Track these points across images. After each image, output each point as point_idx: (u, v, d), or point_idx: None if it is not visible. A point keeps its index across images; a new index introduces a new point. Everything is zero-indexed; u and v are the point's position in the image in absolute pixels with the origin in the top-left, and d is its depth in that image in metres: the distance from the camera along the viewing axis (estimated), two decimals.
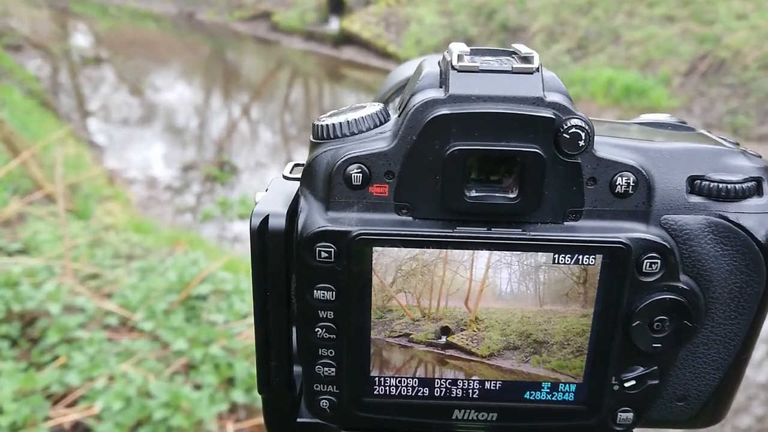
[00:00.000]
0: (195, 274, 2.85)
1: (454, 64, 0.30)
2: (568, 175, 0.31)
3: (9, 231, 3.10)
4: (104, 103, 10.12)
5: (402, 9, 13.50)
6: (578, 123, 0.31)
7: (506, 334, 0.33)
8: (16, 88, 7.08)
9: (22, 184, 3.85)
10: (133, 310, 2.59)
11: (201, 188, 6.70)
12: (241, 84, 12.82)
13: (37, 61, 11.21)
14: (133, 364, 2.25)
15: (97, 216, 3.81)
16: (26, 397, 2.00)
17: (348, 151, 0.32)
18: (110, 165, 6.97)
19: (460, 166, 0.30)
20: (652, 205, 0.32)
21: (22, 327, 2.34)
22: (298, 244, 0.32)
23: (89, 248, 3.13)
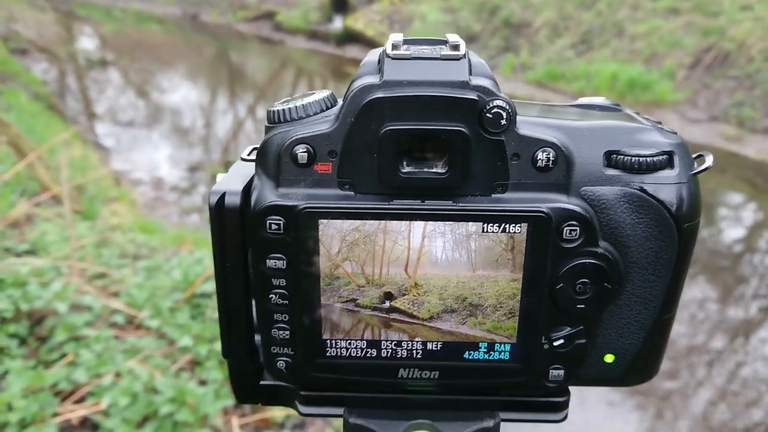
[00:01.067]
0: (200, 272, 2.88)
1: (389, 53, 0.33)
2: (492, 151, 0.34)
3: (17, 232, 3.14)
4: (110, 105, 10.18)
5: (405, 6, 13.50)
6: (500, 104, 0.33)
7: (444, 298, 0.36)
8: (23, 92, 7.14)
9: (29, 186, 3.89)
10: (139, 309, 2.62)
11: (207, 188, 6.73)
12: (245, 84, 12.86)
13: (42, 65, 11.29)
14: (140, 360, 2.28)
15: (103, 216, 3.84)
16: (35, 394, 2.04)
17: (295, 133, 0.34)
18: (116, 166, 7.02)
19: (394, 145, 0.33)
20: (571, 178, 0.35)
21: (30, 326, 2.38)
22: (251, 218, 0.34)
23: (96, 248, 3.17)
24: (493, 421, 0.40)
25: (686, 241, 0.36)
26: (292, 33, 15.10)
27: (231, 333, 0.38)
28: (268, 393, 0.41)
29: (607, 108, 0.41)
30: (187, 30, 16.57)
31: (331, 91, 0.37)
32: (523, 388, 0.39)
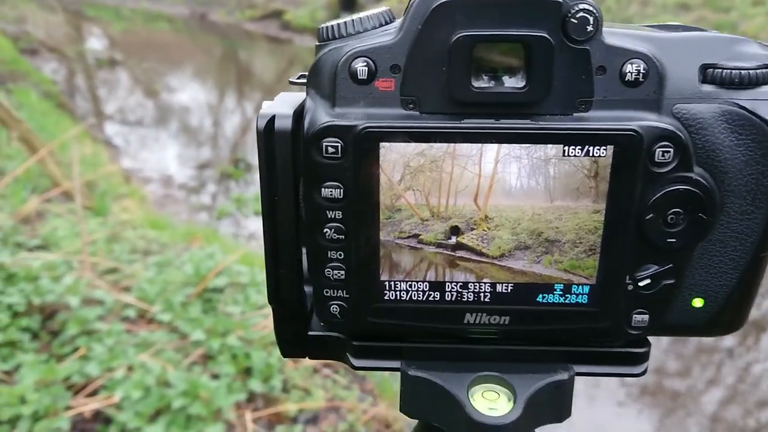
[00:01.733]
0: (211, 267, 2.87)
1: None
2: (576, 62, 0.31)
3: (28, 228, 3.14)
4: (119, 104, 10.21)
5: None
6: (586, 7, 0.30)
7: (517, 233, 0.32)
8: (33, 91, 7.16)
9: (40, 183, 3.90)
10: (150, 303, 2.61)
11: (216, 186, 6.74)
12: (253, 83, 12.88)
13: (52, 64, 11.33)
14: (152, 354, 2.27)
15: (113, 213, 3.84)
16: (47, 388, 2.03)
17: (353, 47, 0.32)
18: (126, 164, 7.03)
19: (466, 55, 0.30)
20: (663, 94, 0.32)
21: (42, 320, 2.37)
22: (305, 142, 0.32)
23: (107, 243, 3.16)
24: (568, 374, 0.37)
25: None
26: (299, 32, 15.10)
27: (279, 275, 0.36)
28: (317, 344, 0.38)
29: (691, 28, 0.38)
30: (195, 29, 16.62)
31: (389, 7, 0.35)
32: (601, 335, 0.36)
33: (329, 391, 2.43)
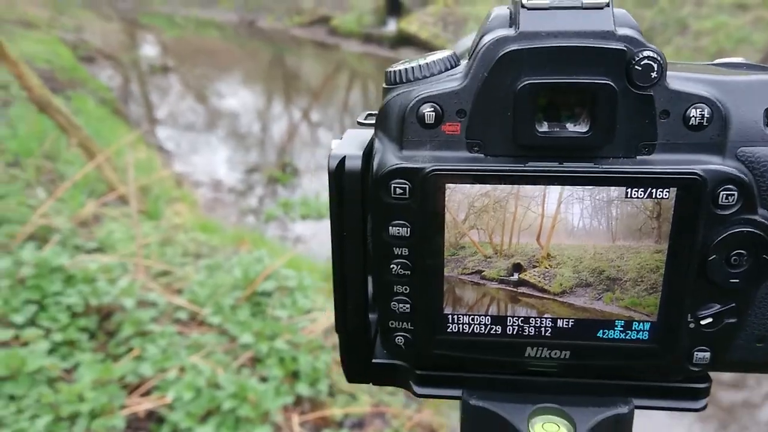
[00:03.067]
0: (260, 271, 2.92)
1: (525, 3, 0.31)
2: (640, 107, 0.31)
3: (86, 231, 3.25)
4: (171, 109, 10.49)
5: (459, 8, 13.43)
6: (651, 54, 0.31)
7: (578, 271, 0.33)
8: (90, 98, 7.42)
9: (97, 187, 4.04)
10: (201, 305, 2.68)
11: (264, 190, 6.85)
12: (301, 88, 13.04)
13: (108, 71, 11.72)
14: (203, 356, 2.33)
15: (166, 216, 3.95)
16: (104, 386, 2.10)
17: (421, 92, 0.33)
18: (178, 169, 7.22)
19: (531, 101, 0.31)
20: (727, 137, 0.32)
21: (99, 320, 2.45)
22: (374, 182, 0.33)
23: (160, 247, 3.26)
24: (628, 408, 0.37)
25: None
26: (346, 37, 15.23)
27: (346, 306, 0.37)
28: (381, 371, 0.39)
29: (755, 66, 0.37)
30: (244, 36, 16.92)
31: (454, 51, 0.35)
32: (662, 371, 0.36)
33: (374, 397, 2.44)
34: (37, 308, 2.37)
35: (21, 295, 2.37)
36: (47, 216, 3.08)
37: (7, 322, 2.28)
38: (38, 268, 2.45)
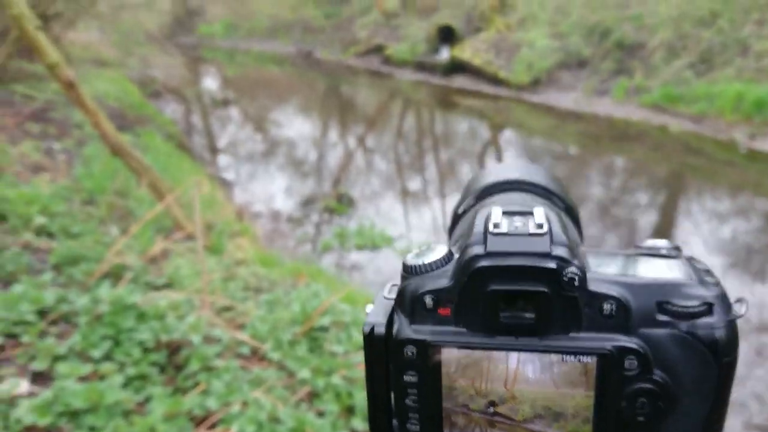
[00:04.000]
0: (316, 306, 3.05)
1: (491, 230, 0.45)
2: (568, 304, 0.44)
3: (155, 267, 3.46)
4: (231, 140, 10.88)
5: (512, 34, 13.47)
6: (574, 270, 0.43)
7: (534, 407, 0.46)
8: (157, 133, 7.81)
9: (164, 223, 4.28)
10: (262, 341, 2.81)
11: (320, 219, 7.03)
12: (356, 116, 13.30)
13: (173, 106, 12.27)
14: (264, 391, 2.45)
15: (228, 251, 4.15)
16: (173, 419, 2.24)
17: (424, 287, 0.46)
18: (238, 199, 7.50)
19: (496, 300, 0.45)
20: (630, 321, 0.44)
21: (168, 355, 2.62)
22: (393, 344, 0.46)
23: (223, 282, 3.43)
24: None
25: (725, 373, 0.45)
26: (400, 66, 15.47)
27: (377, 425, 0.51)
28: None
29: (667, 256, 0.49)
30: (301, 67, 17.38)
31: (448, 248, 0.48)
32: None
33: None
34: (112, 343, 2.55)
35: (98, 331, 2.56)
36: (120, 253, 3.30)
37: (87, 356, 2.47)
38: (113, 305, 2.64)
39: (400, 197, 7.91)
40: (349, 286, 4.06)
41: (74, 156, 5.48)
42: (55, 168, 4.96)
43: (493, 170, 0.66)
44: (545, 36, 12.89)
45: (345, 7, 19.07)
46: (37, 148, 5.35)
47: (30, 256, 3.18)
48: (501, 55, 13.10)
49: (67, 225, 3.67)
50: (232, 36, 20.38)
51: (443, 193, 8.13)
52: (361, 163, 9.83)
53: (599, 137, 10.29)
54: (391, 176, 8.92)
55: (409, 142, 11.05)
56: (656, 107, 10.33)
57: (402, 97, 14.29)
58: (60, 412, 2.14)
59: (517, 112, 11.88)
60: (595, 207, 7.38)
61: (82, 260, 3.21)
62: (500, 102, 12.34)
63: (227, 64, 16.80)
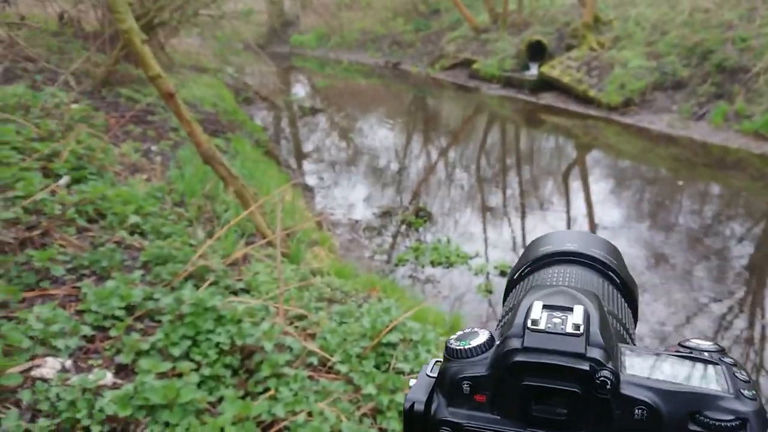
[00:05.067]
0: (386, 322, 3.08)
1: (529, 326, 0.46)
2: (600, 406, 0.45)
3: (235, 272, 3.61)
4: (316, 148, 11.15)
5: (605, 53, 13.11)
6: (607, 374, 0.44)
7: None
8: (247, 139, 8.12)
9: (246, 228, 4.45)
10: (331, 353, 2.88)
11: (396, 232, 7.08)
12: (440, 129, 13.31)
13: (263, 112, 12.71)
14: (329, 403, 2.51)
15: (306, 260, 4.26)
16: (242, 423, 2.33)
17: (463, 371, 0.48)
18: (319, 206, 7.68)
19: (529, 394, 0.46)
20: (661, 428, 0.44)
21: (242, 359, 2.72)
22: (430, 423, 0.48)
23: (298, 291, 3.53)
24: None
25: None
26: (487, 80, 15.37)
27: None
28: None
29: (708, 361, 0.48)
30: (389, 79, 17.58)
31: (490, 333, 0.50)
32: None
33: None
34: (191, 343, 2.68)
35: (179, 331, 2.69)
36: (204, 256, 3.47)
37: (167, 354, 2.61)
38: (195, 306, 2.77)
39: (479, 214, 7.85)
40: (420, 303, 4.08)
41: (169, 158, 5.79)
42: (151, 169, 5.26)
43: (552, 238, 0.66)
44: (640, 55, 12.46)
45: (434, 22, 19.18)
46: (137, 149, 5.69)
47: (123, 254, 3.39)
48: (592, 74, 12.78)
49: (159, 225, 3.88)
50: (323, 46, 20.92)
51: (524, 212, 8.00)
52: (442, 176, 9.83)
53: (694, 163, 9.83)
54: (472, 192, 8.87)
55: (491, 158, 10.95)
56: (758, 135, 9.77)
57: (487, 111, 14.20)
58: (139, 405, 2.27)
59: (607, 133, 11.53)
60: (685, 236, 7.06)
61: (169, 260, 3.39)
62: (589, 121, 12.03)
63: (317, 74, 17.23)
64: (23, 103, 5.25)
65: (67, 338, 2.51)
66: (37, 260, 2.94)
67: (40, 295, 2.82)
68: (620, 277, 0.63)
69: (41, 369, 2.32)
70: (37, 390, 2.20)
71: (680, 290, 5.63)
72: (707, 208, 8.42)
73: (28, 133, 4.57)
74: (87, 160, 4.45)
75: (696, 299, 5.49)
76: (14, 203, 3.40)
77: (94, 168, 4.46)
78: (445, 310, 4.95)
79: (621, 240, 6.76)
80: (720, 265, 6.28)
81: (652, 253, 6.46)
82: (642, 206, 8.25)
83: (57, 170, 4.13)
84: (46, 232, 3.26)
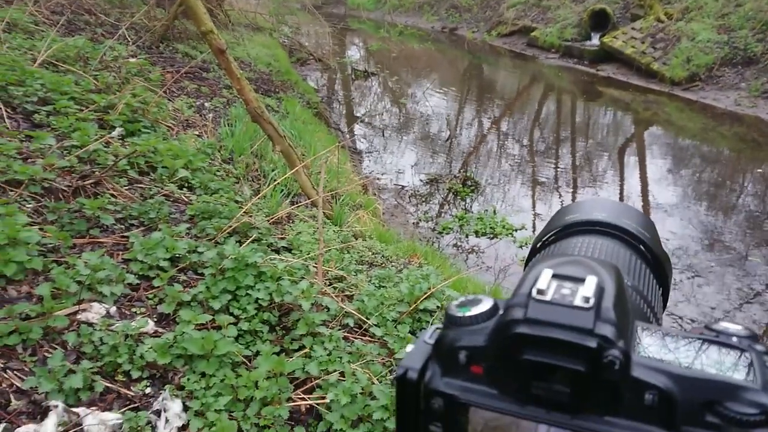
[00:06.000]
0: (425, 288, 3.07)
1: (534, 296, 0.41)
2: (607, 388, 0.40)
3: (278, 230, 3.65)
4: (368, 111, 11.09)
5: (673, 24, 12.52)
6: (615, 353, 0.39)
7: None
8: (298, 100, 8.13)
9: (292, 187, 4.48)
10: (367, 315, 2.89)
11: (443, 200, 7.02)
12: (493, 97, 13.05)
13: (316, 73, 12.69)
14: (362, 365, 2.53)
15: (349, 223, 4.27)
16: (276, 378, 2.37)
17: (460, 340, 0.44)
18: (367, 170, 7.67)
19: (529, 368, 0.41)
20: (674, 417, 0.40)
21: (279, 316, 2.76)
22: (423, 393, 0.45)
23: (339, 252, 3.55)
24: None
25: None
26: (545, 49, 14.94)
27: None
28: None
29: (735, 347, 0.43)
30: (444, 43, 17.27)
31: (495, 302, 0.45)
32: None
33: None
34: (231, 297, 2.73)
35: (220, 285, 2.75)
36: (249, 213, 3.51)
37: (207, 306, 2.66)
38: (237, 262, 2.82)
39: (528, 187, 7.71)
40: (460, 272, 4.05)
41: (221, 115, 5.85)
42: (203, 125, 5.33)
43: (581, 207, 0.62)
44: (710, 28, 11.85)
45: None
46: (190, 105, 5.77)
47: (170, 207, 3.46)
48: (657, 46, 12.25)
49: (207, 180, 3.94)
50: (380, 8, 20.65)
51: (575, 187, 7.82)
52: (493, 146, 9.67)
53: (760, 143, 9.38)
54: (522, 164, 8.70)
55: (545, 131, 10.69)
56: None
57: (544, 81, 13.82)
58: (178, 354, 2.34)
59: (669, 109, 11.09)
60: (744, 219, 6.77)
61: (215, 215, 3.44)
62: (650, 96, 11.58)
63: (372, 36, 17.04)
64: (83, 55, 5.37)
65: (112, 285, 2.59)
66: (89, 209, 3.03)
67: (90, 243, 2.91)
68: (652, 253, 0.57)
69: (87, 313, 2.41)
70: (82, 333, 2.28)
71: (734, 275, 5.43)
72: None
73: (86, 84, 4.68)
74: (141, 114, 4.54)
75: (750, 285, 5.29)
76: (70, 152, 3.50)
77: (148, 122, 4.54)
78: (487, 280, 4.91)
79: (675, 219, 6.54)
80: None
81: (708, 235, 6.23)
82: (701, 186, 7.94)
83: (112, 122, 4.22)
84: (99, 181, 3.35)
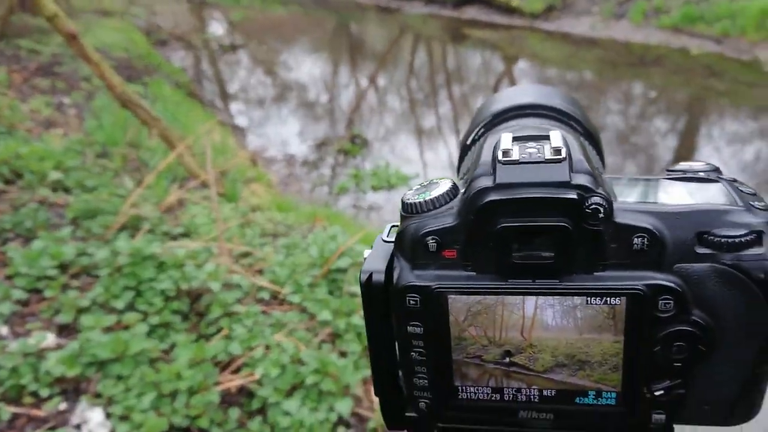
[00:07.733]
0: (334, 249, 3.04)
1: (500, 159, 0.39)
2: (592, 239, 0.39)
3: (171, 217, 3.47)
4: (242, 86, 10.74)
5: None
6: (598, 200, 0.38)
7: (555, 356, 0.42)
8: (166, 82, 7.71)
9: (178, 173, 4.27)
10: (281, 285, 2.83)
11: (334, 162, 6.97)
12: (366, 54, 13.02)
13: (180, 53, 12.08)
14: (286, 334, 2.48)
15: (244, 198, 4.14)
16: (199, 365, 2.28)
17: (426, 226, 0.41)
18: (252, 145, 7.45)
19: (508, 237, 0.39)
20: (665, 257, 0.39)
21: (190, 303, 2.65)
22: (394, 294, 0.41)
23: (240, 229, 3.43)
24: None
25: None
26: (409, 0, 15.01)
27: (381, 380, 0.46)
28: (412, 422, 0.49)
29: (703, 180, 0.43)
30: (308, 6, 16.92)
31: (453, 181, 0.43)
32: (629, 429, 0.44)
33: None
34: (134, 294, 2.58)
35: (119, 283, 2.58)
36: (136, 205, 3.31)
37: (110, 308, 2.50)
38: (133, 256, 2.65)
39: (414, 135, 7.81)
40: (366, 227, 4.05)
41: (85, 109, 5.44)
42: (67, 122, 4.93)
43: (504, 95, 0.60)
44: None
45: None
46: (47, 104, 5.32)
47: (47, 212, 3.19)
48: None
49: (82, 179, 3.67)
50: None
51: (457, 128, 8.00)
52: (373, 102, 9.68)
53: (616, 63, 9.99)
54: (404, 114, 8.79)
55: (420, 79, 10.83)
56: (676, 29, 9.97)
57: (412, 32, 13.93)
58: (87, 362, 2.18)
59: (531, 42, 11.54)
60: (613, 135, 7.24)
61: (99, 213, 3.22)
62: (513, 32, 11.98)
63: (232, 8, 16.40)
64: None
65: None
66: None
67: None
68: (584, 128, 0.57)
69: None
70: None
71: None
72: (632, 106, 8.63)
73: None
74: None
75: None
76: None
77: (3, 127, 4.14)
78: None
79: None
80: (648, 160, 6.50)
81: None
82: None
83: None
84: None
